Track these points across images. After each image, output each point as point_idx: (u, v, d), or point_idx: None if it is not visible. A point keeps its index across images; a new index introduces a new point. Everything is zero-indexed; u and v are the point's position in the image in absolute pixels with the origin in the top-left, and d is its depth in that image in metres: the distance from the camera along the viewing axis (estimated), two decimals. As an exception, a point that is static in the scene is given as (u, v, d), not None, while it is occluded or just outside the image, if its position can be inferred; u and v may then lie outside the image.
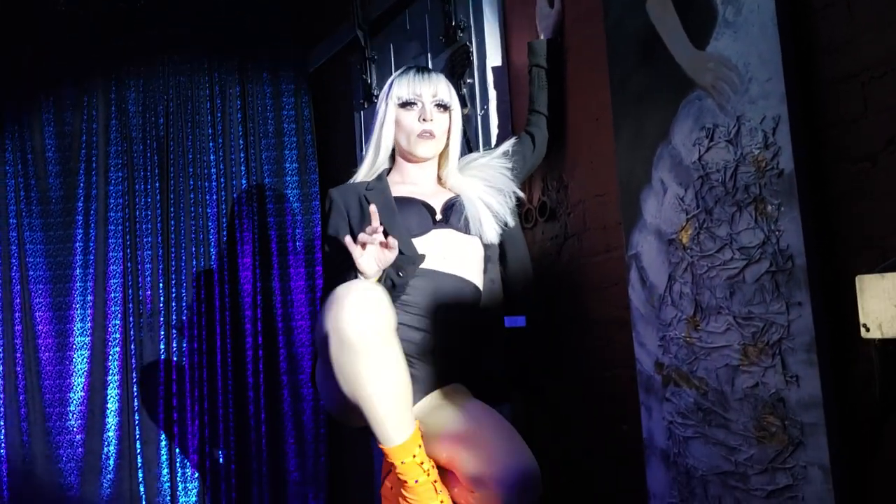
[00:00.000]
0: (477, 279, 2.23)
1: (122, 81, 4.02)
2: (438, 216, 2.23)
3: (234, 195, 4.01)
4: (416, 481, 1.85)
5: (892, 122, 1.56)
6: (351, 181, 2.34)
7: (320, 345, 1.89)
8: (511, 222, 2.29)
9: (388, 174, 2.34)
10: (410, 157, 2.29)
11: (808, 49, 1.71)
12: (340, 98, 3.90)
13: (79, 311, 3.89)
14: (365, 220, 2.15)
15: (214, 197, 4.00)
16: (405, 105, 2.24)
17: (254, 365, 3.91)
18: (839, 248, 1.65)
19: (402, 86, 2.26)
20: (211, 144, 4.03)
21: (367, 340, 1.80)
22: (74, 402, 3.84)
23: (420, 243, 2.17)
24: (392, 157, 2.35)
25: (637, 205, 2.11)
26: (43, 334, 3.87)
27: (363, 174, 2.33)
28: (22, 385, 3.81)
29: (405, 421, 1.86)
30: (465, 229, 2.23)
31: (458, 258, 2.20)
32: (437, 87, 2.25)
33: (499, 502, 1.88)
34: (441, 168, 2.33)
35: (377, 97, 3.44)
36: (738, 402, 1.81)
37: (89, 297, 3.90)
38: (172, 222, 3.96)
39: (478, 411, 2.08)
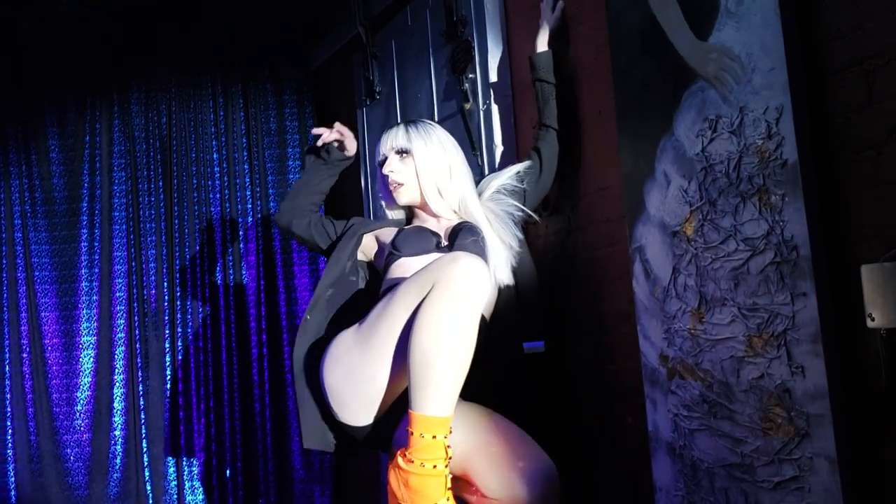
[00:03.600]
0: (486, 310, 2.21)
1: (125, 82, 4.03)
2: (443, 242, 2.25)
3: (238, 193, 4.01)
4: (434, 466, 1.80)
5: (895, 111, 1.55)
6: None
7: (400, 300, 1.92)
8: (517, 247, 2.32)
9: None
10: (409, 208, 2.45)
11: (811, 38, 1.70)
12: (343, 95, 3.90)
13: (84, 311, 3.90)
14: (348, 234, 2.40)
15: (218, 195, 4.01)
16: (380, 165, 2.38)
17: (258, 363, 3.92)
18: (844, 237, 1.64)
19: (377, 149, 2.42)
20: (214, 143, 4.03)
21: (474, 299, 1.83)
22: (81, 401, 3.85)
23: (404, 262, 2.20)
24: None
25: (640, 197, 2.10)
26: (49, 334, 3.88)
27: None
28: (29, 385, 3.82)
29: (453, 398, 1.83)
30: (474, 251, 2.18)
31: None
32: (396, 137, 2.35)
33: None
34: (456, 210, 2.36)
35: (379, 93, 3.46)
36: (743, 394, 1.81)
37: (95, 297, 3.91)
38: (176, 221, 3.97)
39: (488, 418, 2.10)
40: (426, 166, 2.31)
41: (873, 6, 1.58)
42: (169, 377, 3.91)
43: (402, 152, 2.33)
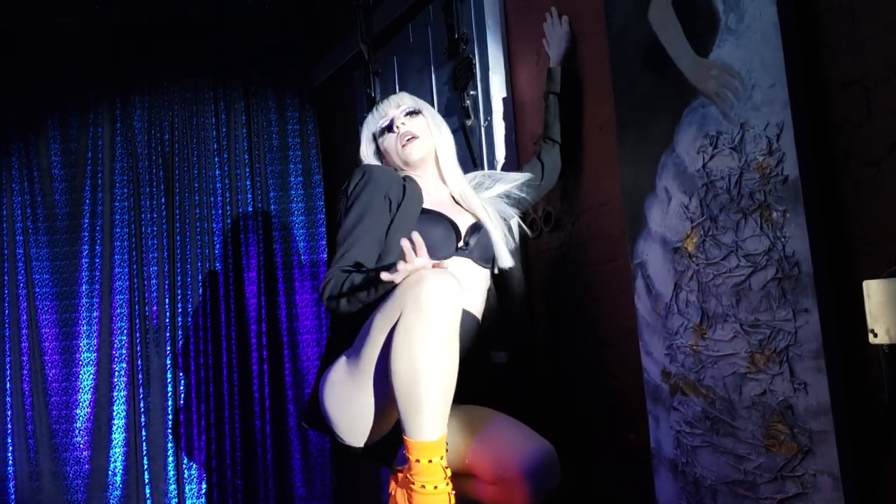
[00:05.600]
0: (479, 314, 2.21)
1: (128, 98, 4.04)
2: (461, 242, 2.17)
3: (240, 210, 4.02)
4: (436, 487, 1.79)
5: (895, 127, 1.55)
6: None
7: (377, 326, 1.85)
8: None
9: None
10: (410, 168, 2.25)
11: (811, 54, 1.71)
12: (344, 112, 3.91)
13: (85, 327, 3.90)
14: (406, 204, 2.12)
15: (220, 212, 4.01)
16: (382, 133, 2.26)
17: (259, 380, 3.91)
18: (845, 253, 1.64)
19: (372, 121, 2.30)
20: (216, 159, 4.04)
21: (444, 317, 1.77)
22: (81, 418, 3.84)
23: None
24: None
25: (641, 213, 2.10)
26: (49, 350, 3.87)
27: None
28: (28, 402, 3.82)
29: (444, 418, 1.82)
30: (481, 261, 2.19)
31: (470, 292, 2.14)
32: (402, 99, 2.28)
33: (523, 486, 1.95)
34: (443, 177, 2.28)
35: None
36: (745, 411, 1.80)
37: (95, 313, 3.91)
38: (178, 237, 3.97)
39: (485, 411, 2.15)
40: (437, 122, 2.28)
41: (873, 23, 1.59)
42: (170, 393, 3.90)
43: (412, 113, 2.25)
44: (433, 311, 1.76)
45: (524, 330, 2.60)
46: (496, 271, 2.24)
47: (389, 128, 2.24)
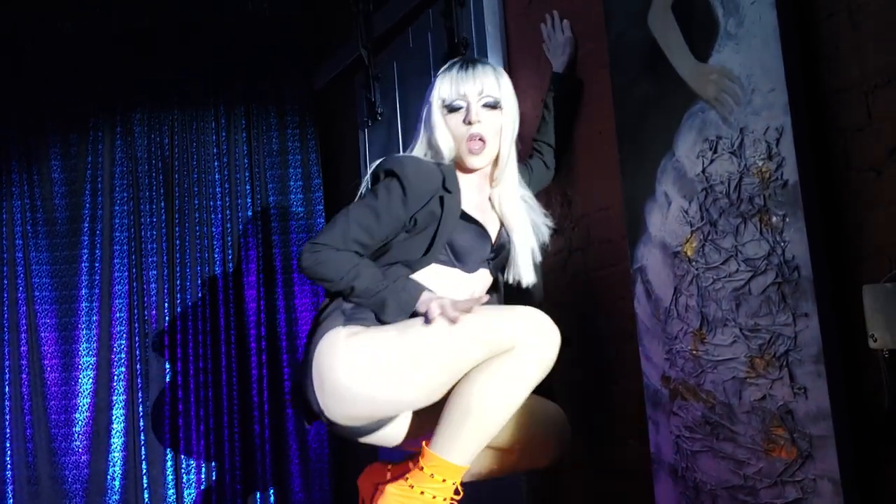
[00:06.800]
0: None
1: (128, 103, 4.05)
2: (489, 254, 2.06)
3: (239, 214, 4.02)
4: (434, 497, 1.79)
5: (895, 131, 1.55)
6: (414, 154, 2.04)
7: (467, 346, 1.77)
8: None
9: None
10: (461, 166, 2.04)
11: (810, 59, 1.71)
12: (345, 116, 3.91)
13: (84, 332, 3.90)
14: (441, 217, 1.95)
15: (219, 216, 4.01)
16: (450, 107, 1.99)
17: (258, 384, 3.91)
18: (845, 258, 1.64)
19: (444, 85, 2.00)
20: (216, 164, 4.04)
21: (544, 374, 1.81)
22: (80, 422, 3.83)
23: (457, 276, 2.02)
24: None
25: (641, 218, 2.10)
26: (48, 355, 3.87)
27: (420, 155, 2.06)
28: (27, 406, 3.81)
29: (478, 452, 1.83)
30: (494, 269, 2.11)
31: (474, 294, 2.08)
32: (484, 84, 1.97)
33: (546, 445, 2.02)
34: (493, 177, 2.08)
35: (381, 115, 3.47)
36: (745, 415, 1.80)
37: (95, 317, 3.90)
38: (177, 242, 3.97)
39: None
40: (512, 117, 2.01)
41: (873, 27, 1.59)
42: (169, 398, 3.89)
43: (491, 105, 1.99)
44: (546, 367, 1.79)
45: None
46: (510, 280, 2.12)
47: (457, 108, 1.98)
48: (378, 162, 2.01)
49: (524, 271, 2.07)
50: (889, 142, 1.56)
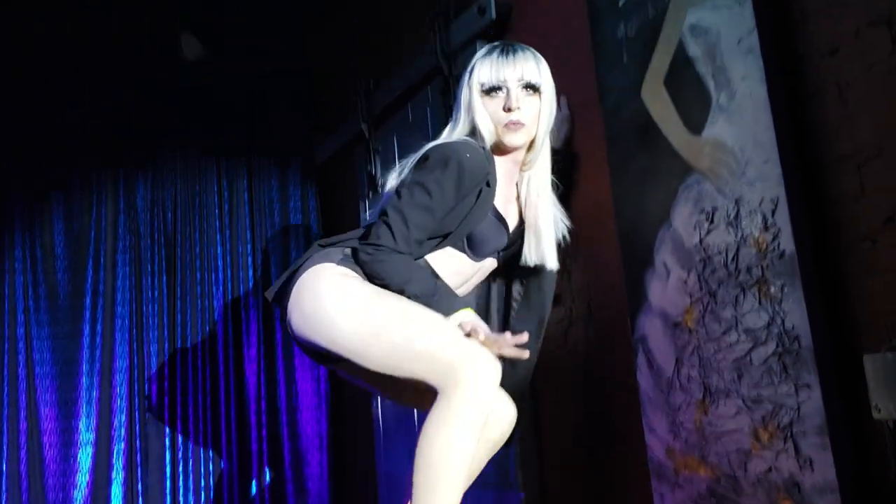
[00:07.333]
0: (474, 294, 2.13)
1: (131, 177, 4.09)
2: (503, 246, 2.04)
3: (241, 287, 4.03)
4: None
5: (889, 202, 1.57)
6: (456, 137, 2.01)
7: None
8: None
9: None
10: (499, 147, 1.99)
11: (802, 131, 1.74)
12: (346, 189, 3.96)
13: (84, 408, 3.86)
14: (472, 208, 1.93)
15: (221, 290, 4.02)
16: (489, 91, 1.96)
17: (258, 459, 3.86)
18: (845, 327, 1.64)
19: (484, 69, 1.98)
20: (218, 237, 4.07)
21: (487, 410, 1.75)
22: (78, 500, 3.77)
23: (465, 261, 2.00)
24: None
25: (641, 288, 2.11)
26: (48, 431, 3.83)
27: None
28: (25, 485, 3.75)
29: (460, 497, 1.79)
30: (502, 259, 2.06)
31: (469, 285, 2.06)
32: (524, 68, 1.95)
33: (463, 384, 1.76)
34: (525, 161, 2.04)
35: (382, 187, 3.50)
36: (752, 488, 1.77)
37: (95, 393, 3.88)
38: (179, 316, 3.97)
39: None
40: (550, 110, 1.99)
41: (861, 100, 1.62)
42: (169, 474, 3.84)
43: (530, 87, 1.95)
44: (485, 403, 1.73)
45: (528, 408, 2.57)
46: (531, 263, 2.05)
47: (496, 91, 1.95)
48: (430, 146, 1.97)
49: (549, 255, 2.03)
50: (884, 212, 1.57)
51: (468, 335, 1.80)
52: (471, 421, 1.74)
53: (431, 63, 3.07)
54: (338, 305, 1.86)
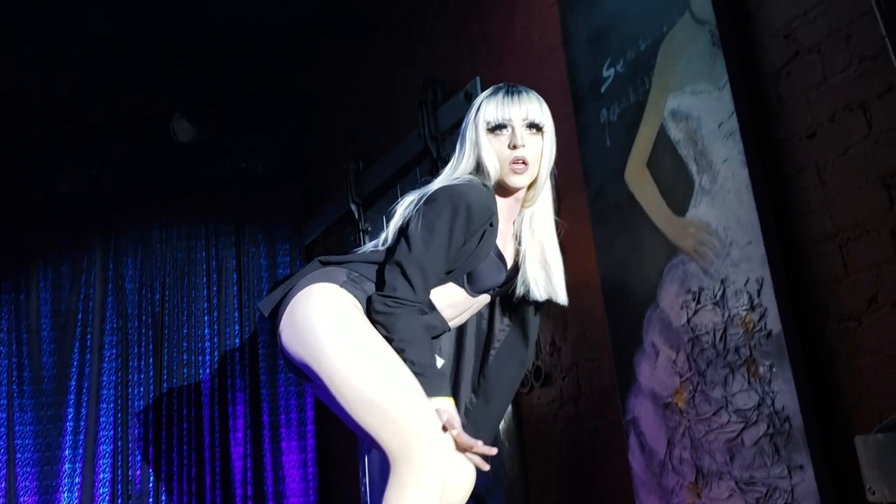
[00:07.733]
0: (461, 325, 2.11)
1: (120, 259, 4.10)
2: (499, 283, 2.04)
3: (228, 368, 3.99)
4: None
5: (872, 282, 1.58)
6: (460, 175, 2.02)
7: None
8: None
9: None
10: (501, 187, 2.02)
11: (784, 213, 1.76)
12: (334, 269, 3.96)
13: (66, 495, 3.77)
14: (475, 248, 1.96)
15: (208, 371, 3.98)
16: (494, 130, 2.01)
17: (245, 545, 3.76)
18: (835, 407, 1.64)
19: (490, 108, 2.03)
20: (206, 318, 4.05)
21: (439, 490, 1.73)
22: None
23: (461, 295, 2.00)
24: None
25: (631, 368, 2.10)
26: (27, 520, 3.73)
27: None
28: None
29: None
30: (494, 294, 2.07)
31: (462, 318, 2.06)
32: (528, 108, 2.01)
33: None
34: (527, 198, 2.06)
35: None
36: (748, 574, 1.74)
37: (77, 479, 3.79)
38: (165, 398, 3.92)
39: None
40: (551, 148, 2.02)
41: (840, 182, 1.65)
42: (151, 563, 3.73)
43: (534, 126, 1.99)
44: (436, 488, 1.70)
45: (519, 489, 2.53)
46: (540, 298, 2.02)
47: (501, 129, 2.00)
48: (438, 187, 1.98)
49: (560, 290, 2.01)
50: (866, 292, 1.59)
51: (443, 427, 1.78)
52: (425, 500, 1.71)
53: (420, 146, 3.12)
54: (332, 330, 1.84)
